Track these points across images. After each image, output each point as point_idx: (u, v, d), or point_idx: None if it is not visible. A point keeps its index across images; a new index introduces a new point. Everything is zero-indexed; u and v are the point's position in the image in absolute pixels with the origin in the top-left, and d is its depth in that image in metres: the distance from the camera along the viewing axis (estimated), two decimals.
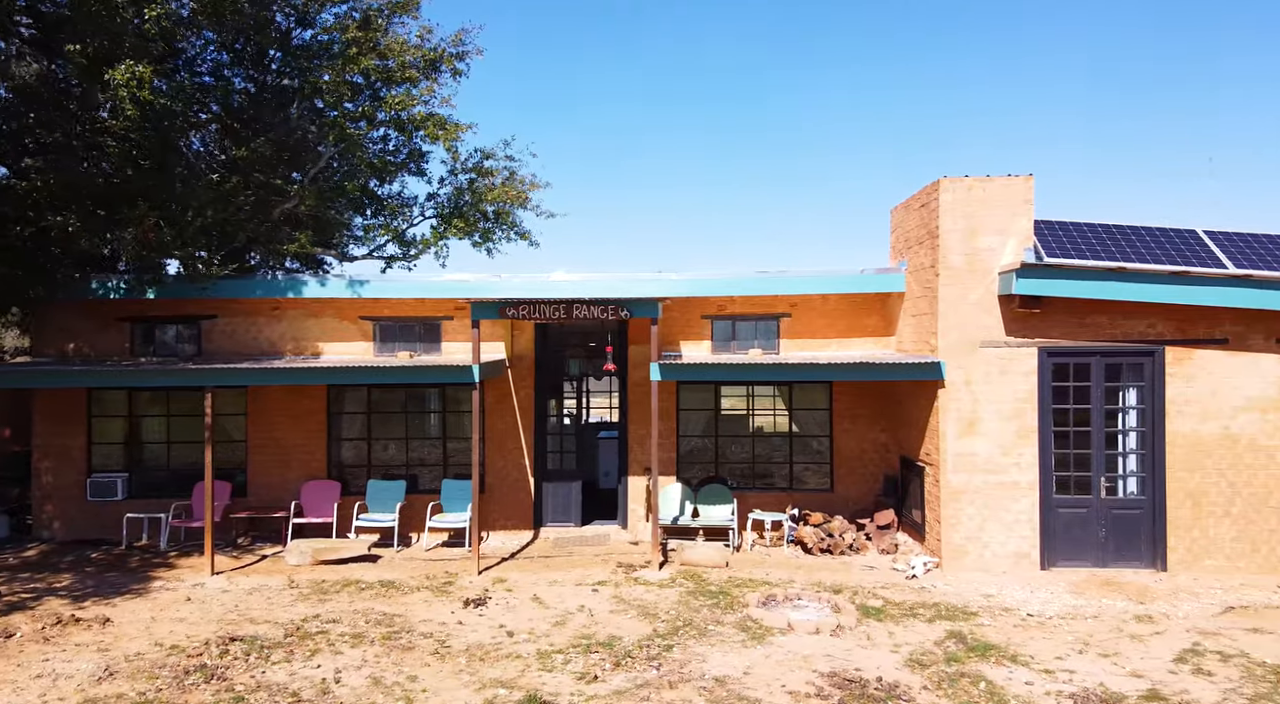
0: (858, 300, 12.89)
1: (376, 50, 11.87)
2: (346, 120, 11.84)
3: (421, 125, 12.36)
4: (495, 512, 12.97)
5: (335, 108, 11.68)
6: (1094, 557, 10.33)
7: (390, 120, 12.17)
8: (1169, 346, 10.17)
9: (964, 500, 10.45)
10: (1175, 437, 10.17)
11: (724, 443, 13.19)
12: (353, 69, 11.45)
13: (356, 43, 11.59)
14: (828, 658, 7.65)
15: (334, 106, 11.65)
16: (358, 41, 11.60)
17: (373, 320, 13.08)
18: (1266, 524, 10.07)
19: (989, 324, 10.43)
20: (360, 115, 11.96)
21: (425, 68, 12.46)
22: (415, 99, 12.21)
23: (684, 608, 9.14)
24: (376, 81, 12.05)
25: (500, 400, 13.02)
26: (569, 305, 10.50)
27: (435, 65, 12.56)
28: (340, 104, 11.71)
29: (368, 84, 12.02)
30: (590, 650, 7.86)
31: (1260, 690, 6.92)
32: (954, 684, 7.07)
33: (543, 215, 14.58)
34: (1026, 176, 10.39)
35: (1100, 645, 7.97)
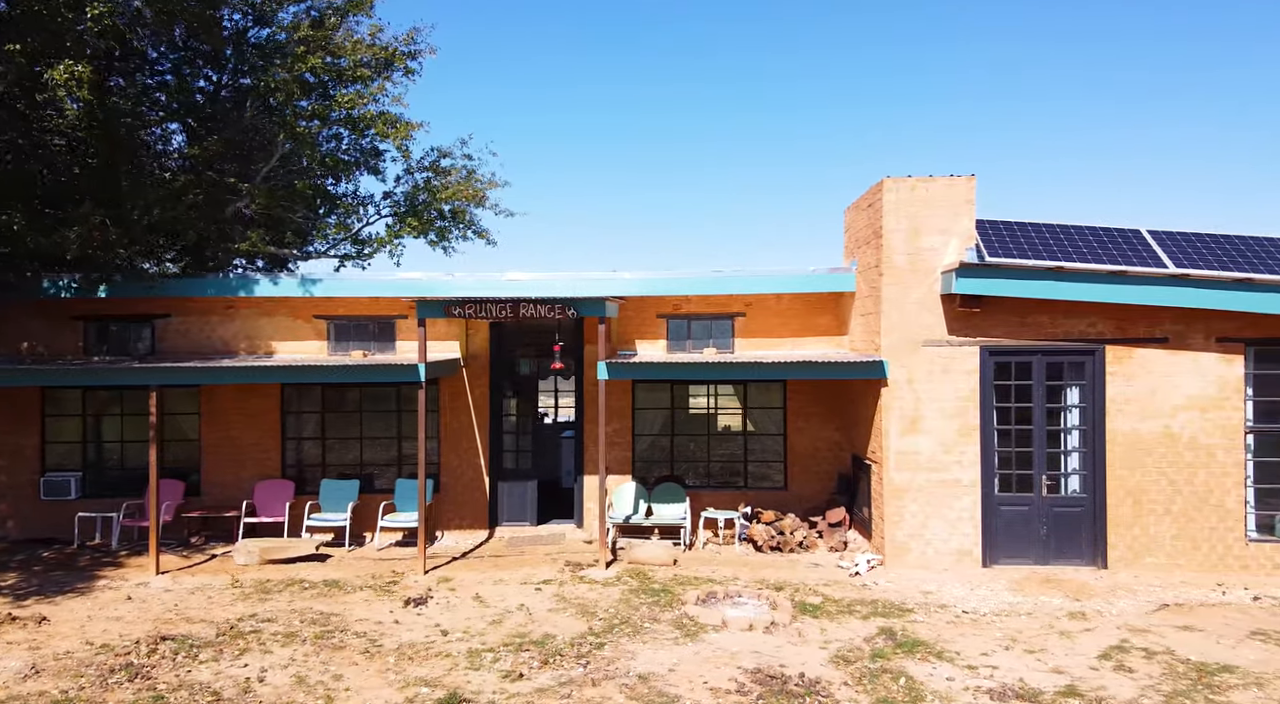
0: (811, 300, 12.94)
1: (327, 49, 11.85)
2: (298, 119, 11.81)
3: (371, 124, 12.34)
4: (450, 511, 12.97)
5: (287, 106, 11.66)
6: (1036, 554, 10.40)
7: (341, 119, 12.14)
8: (1109, 345, 10.25)
9: (907, 498, 10.51)
10: (1116, 435, 10.24)
11: (681, 442, 13.22)
12: (301, 68, 11.43)
13: (306, 41, 11.57)
14: (755, 654, 7.69)
15: (285, 105, 11.63)
16: (307, 40, 11.59)
17: (327, 319, 13.06)
18: (1207, 522, 10.15)
19: (931, 323, 10.49)
20: (312, 114, 11.93)
21: (377, 66, 12.45)
22: (366, 97, 12.20)
23: (624, 606, 9.16)
24: (328, 80, 12.03)
25: (455, 399, 13.02)
26: (515, 304, 10.50)
27: (387, 64, 12.54)
28: (291, 102, 11.68)
29: (319, 83, 12.00)
30: (521, 649, 7.88)
31: (1179, 688, 6.98)
32: (874, 680, 7.11)
33: (502, 214, 14.59)
34: (969, 177, 10.46)
35: (1028, 642, 8.03)
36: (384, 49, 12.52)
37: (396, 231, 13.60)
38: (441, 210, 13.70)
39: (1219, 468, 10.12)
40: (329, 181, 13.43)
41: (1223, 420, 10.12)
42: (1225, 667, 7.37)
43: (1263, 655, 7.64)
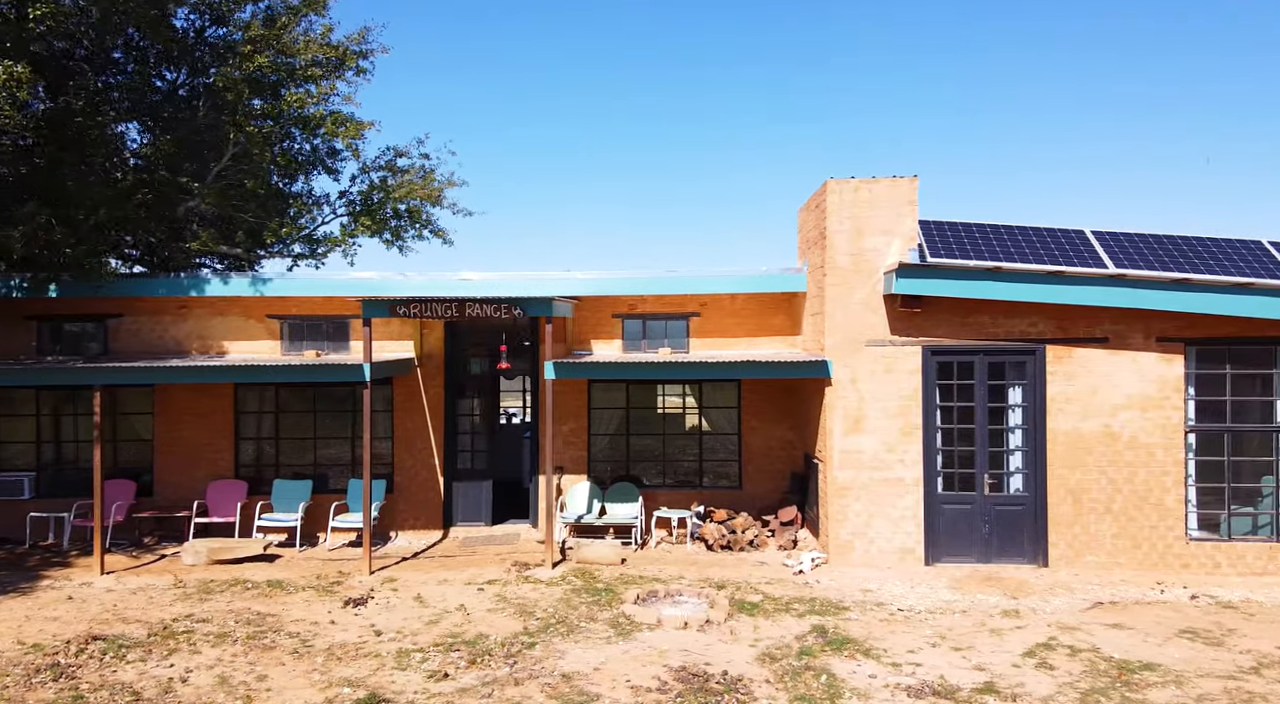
0: (765, 300, 12.98)
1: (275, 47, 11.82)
2: (248, 119, 11.78)
3: (320, 123, 12.32)
4: (404, 511, 12.96)
5: (238, 105, 11.62)
6: (978, 552, 10.47)
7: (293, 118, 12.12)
8: (1050, 345, 10.32)
9: (850, 497, 10.56)
10: (1056, 434, 10.32)
11: (637, 441, 13.24)
12: (248, 67, 11.40)
13: (255, 40, 11.55)
14: (684, 653, 7.72)
15: (236, 104, 11.59)
16: (255, 39, 11.56)
17: (280, 319, 13.04)
18: (1147, 521, 10.23)
19: (874, 323, 10.55)
20: (262, 113, 11.90)
21: (329, 66, 12.42)
22: (315, 97, 12.18)
23: (563, 605, 9.18)
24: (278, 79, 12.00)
25: (409, 399, 13.01)
26: (461, 304, 10.51)
27: (339, 63, 12.52)
28: (241, 101, 11.65)
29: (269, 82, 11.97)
30: (452, 649, 7.88)
31: (1097, 685, 7.04)
32: (796, 678, 7.15)
33: (460, 213, 14.58)
34: (911, 178, 10.51)
35: (957, 640, 8.08)
36: (335, 48, 12.51)
37: (351, 231, 13.58)
38: (397, 209, 13.68)
39: (1159, 467, 10.20)
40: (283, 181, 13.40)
41: (1162, 420, 10.20)
42: (1148, 665, 7.43)
43: (1188, 654, 7.71)
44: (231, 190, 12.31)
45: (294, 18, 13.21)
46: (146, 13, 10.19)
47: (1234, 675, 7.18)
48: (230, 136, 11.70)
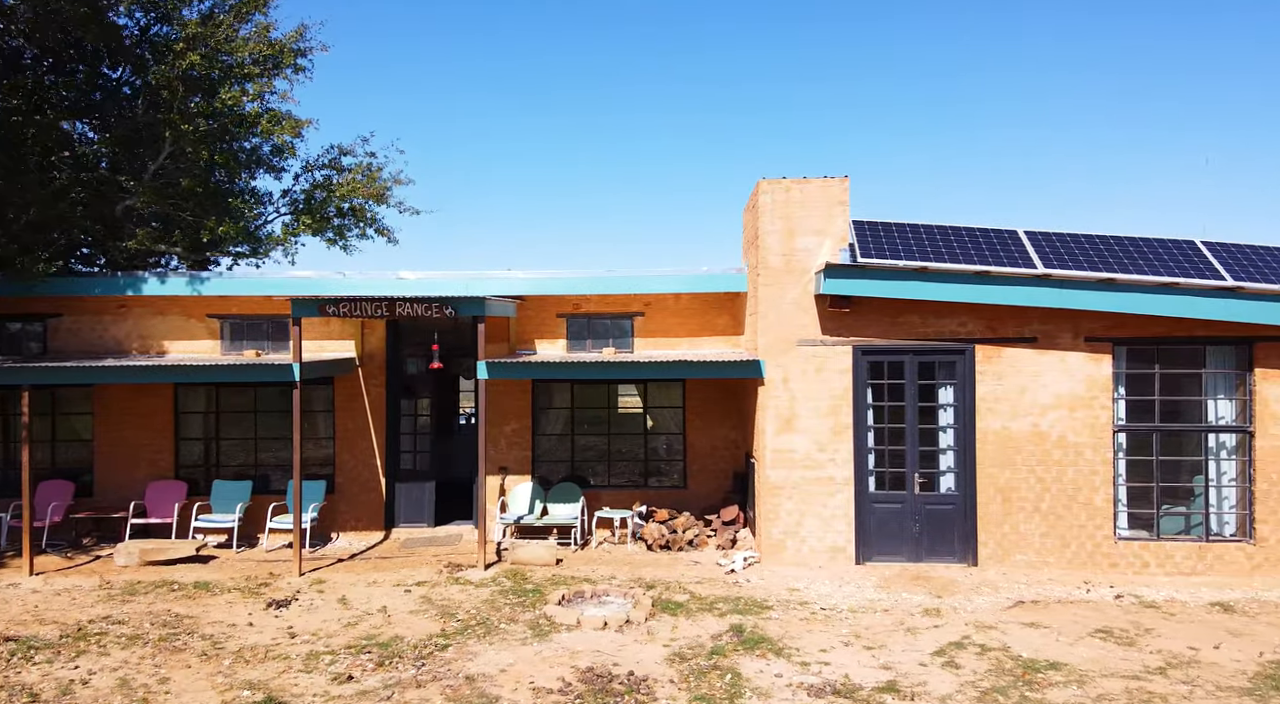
0: (709, 300, 12.97)
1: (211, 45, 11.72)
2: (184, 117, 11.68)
3: (254, 122, 12.24)
4: (345, 512, 12.89)
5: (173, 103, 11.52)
6: (909, 552, 10.49)
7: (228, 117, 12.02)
8: (980, 345, 10.35)
9: (782, 496, 10.56)
10: (986, 433, 10.35)
11: (583, 441, 13.21)
12: (180, 65, 11.30)
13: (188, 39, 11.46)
14: (596, 653, 7.70)
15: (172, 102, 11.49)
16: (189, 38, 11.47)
17: (220, 318, 12.95)
18: (1075, 520, 10.28)
19: (806, 323, 10.55)
20: (198, 112, 11.80)
21: (266, 64, 12.34)
22: (251, 95, 12.09)
23: (487, 607, 9.15)
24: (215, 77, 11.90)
25: (351, 399, 12.94)
26: (391, 303, 10.45)
27: (275, 61, 12.44)
28: (176, 99, 11.55)
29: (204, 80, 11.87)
30: (363, 651, 7.84)
31: (999, 683, 7.05)
32: (701, 678, 7.14)
33: (406, 212, 14.51)
34: (842, 178, 10.53)
35: (872, 639, 8.09)
36: (272, 46, 12.42)
37: (293, 230, 13.50)
38: (340, 208, 13.61)
39: (1087, 466, 10.24)
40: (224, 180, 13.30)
41: (1091, 419, 10.24)
42: (1054, 664, 7.45)
43: (1097, 653, 7.74)
44: (169, 189, 12.20)
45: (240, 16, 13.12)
46: (77, 10, 10.08)
47: (1138, 676, 7.21)
48: (166, 135, 11.59)
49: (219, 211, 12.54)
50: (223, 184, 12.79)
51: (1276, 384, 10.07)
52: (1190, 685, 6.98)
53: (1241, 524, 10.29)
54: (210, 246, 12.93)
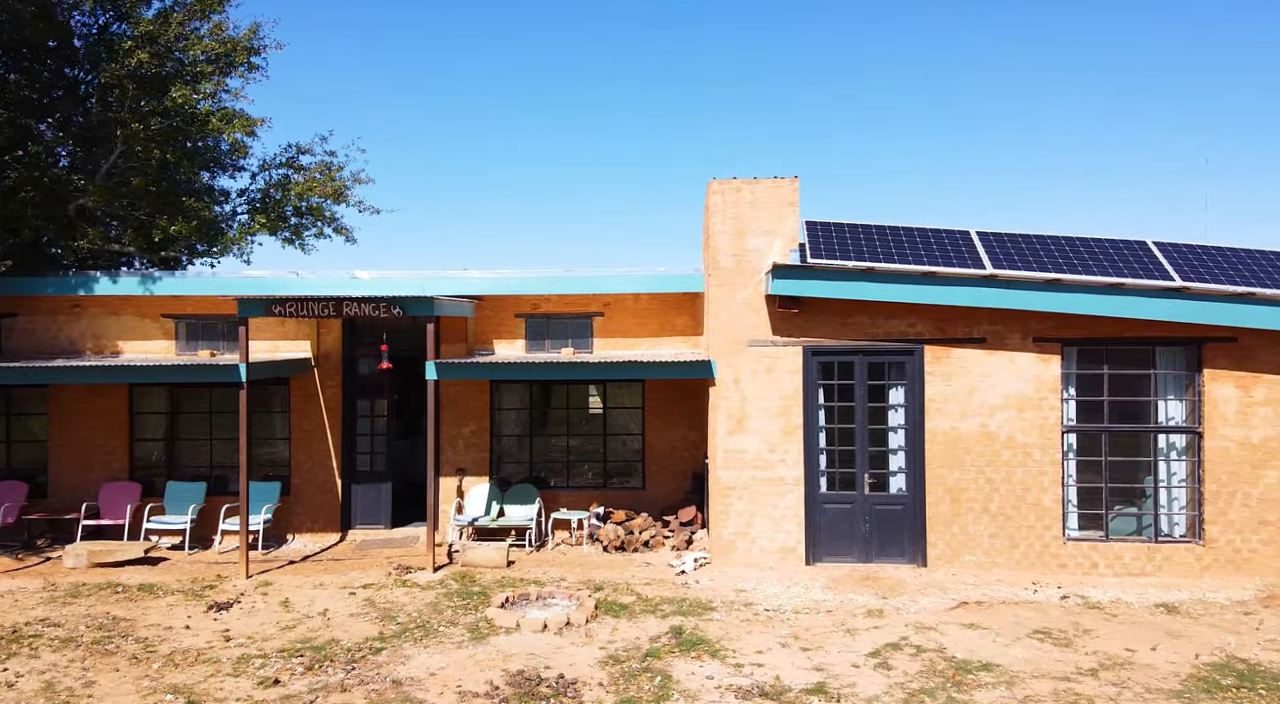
0: (668, 300, 12.93)
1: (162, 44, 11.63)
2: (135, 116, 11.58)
3: (205, 120, 12.14)
4: (301, 514, 12.81)
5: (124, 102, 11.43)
6: (859, 552, 10.47)
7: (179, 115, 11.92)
8: (929, 345, 10.34)
9: (733, 496, 10.54)
10: (935, 434, 10.34)
11: (542, 442, 13.16)
12: (128, 63, 11.21)
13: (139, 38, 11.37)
14: (530, 656, 7.65)
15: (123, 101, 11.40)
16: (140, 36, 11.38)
17: (175, 318, 12.86)
18: (1024, 521, 10.27)
19: (756, 324, 10.53)
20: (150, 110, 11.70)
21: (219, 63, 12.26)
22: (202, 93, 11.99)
23: (429, 610, 9.09)
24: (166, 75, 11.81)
25: (307, 400, 12.86)
26: (339, 303, 10.39)
27: (229, 60, 12.36)
28: (127, 98, 11.46)
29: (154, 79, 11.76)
30: (295, 655, 7.78)
31: (928, 685, 7.03)
32: (631, 680, 7.10)
33: (366, 211, 14.45)
34: (792, 179, 10.50)
35: (810, 640, 8.07)
36: (225, 44, 12.34)
37: (249, 229, 13.41)
38: (298, 207, 13.53)
39: (1036, 467, 10.24)
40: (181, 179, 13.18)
41: (1039, 419, 10.24)
42: (986, 665, 7.44)
43: (1032, 654, 7.73)
44: (122, 188, 12.11)
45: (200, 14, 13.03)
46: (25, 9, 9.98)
47: (1069, 677, 7.20)
48: (118, 134, 11.49)
49: (172, 211, 12.44)
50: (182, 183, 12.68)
51: (1225, 385, 10.09)
52: (1119, 687, 6.98)
53: (1191, 525, 10.30)
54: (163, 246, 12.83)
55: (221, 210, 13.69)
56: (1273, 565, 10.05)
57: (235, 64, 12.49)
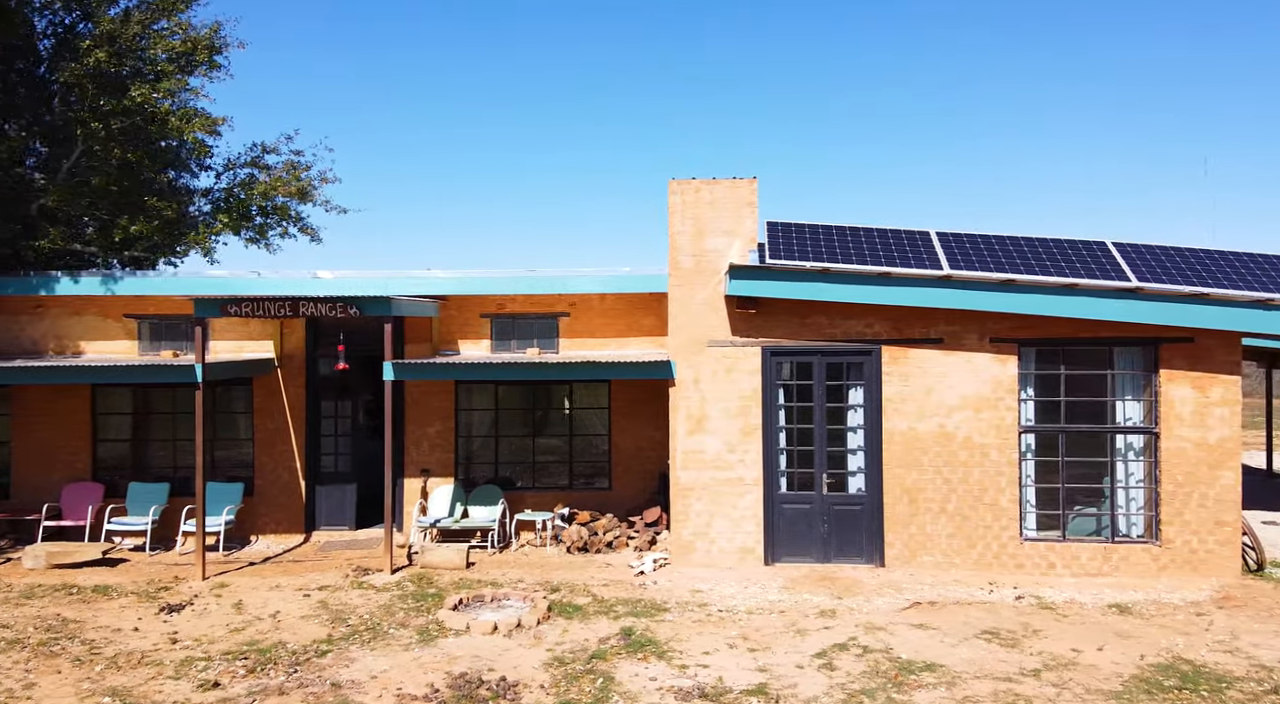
0: (634, 300, 12.89)
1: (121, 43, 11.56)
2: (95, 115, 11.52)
3: (165, 119, 12.07)
4: (265, 515, 12.75)
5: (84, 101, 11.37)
6: (817, 552, 10.47)
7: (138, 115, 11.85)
8: (886, 346, 10.35)
9: (692, 497, 10.53)
10: (893, 434, 10.34)
11: (508, 443, 13.13)
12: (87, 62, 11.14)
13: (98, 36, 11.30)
14: (475, 658, 7.63)
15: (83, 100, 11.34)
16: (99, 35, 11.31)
17: (138, 318, 12.80)
18: (981, 521, 10.29)
19: (716, 324, 10.52)
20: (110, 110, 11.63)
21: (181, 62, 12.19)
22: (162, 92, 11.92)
23: (382, 612, 9.06)
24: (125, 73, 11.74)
25: (270, 400, 12.81)
26: (295, 303, 10.34)
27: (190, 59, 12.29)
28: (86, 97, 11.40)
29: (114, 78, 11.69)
30: (240, 658, 7.74)
31: (869, 685, 7.03)
32: (573, 682, 7.08)
33: (333, 210, 14.40)
34: (750, 179, 10.50)
35: (759, 640, 8.06)
36: (185, 43, 12.27)
37: (213, 229, 13.35)
38: (263, 206, 13.47)
39: (993, 467, 10.25)
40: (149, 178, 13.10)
41: (996, 420, 10.25)
42: (930, 665, 7.44)
43: (978, 655, 7.73)
44: (83, 187, 12.04)
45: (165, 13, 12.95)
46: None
47: (1011, 678, 7.21)
48: (78, 133, 11.43)
49: (133, 210, 12.37)
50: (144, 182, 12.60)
51: (1182, 385, 10.11)
52: (1059, 688, 6.99)
53: (1149, 526, 10.32)
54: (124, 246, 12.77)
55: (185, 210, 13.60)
56: (1229, 566, 10.08)
57: (197, 63, 12.42)
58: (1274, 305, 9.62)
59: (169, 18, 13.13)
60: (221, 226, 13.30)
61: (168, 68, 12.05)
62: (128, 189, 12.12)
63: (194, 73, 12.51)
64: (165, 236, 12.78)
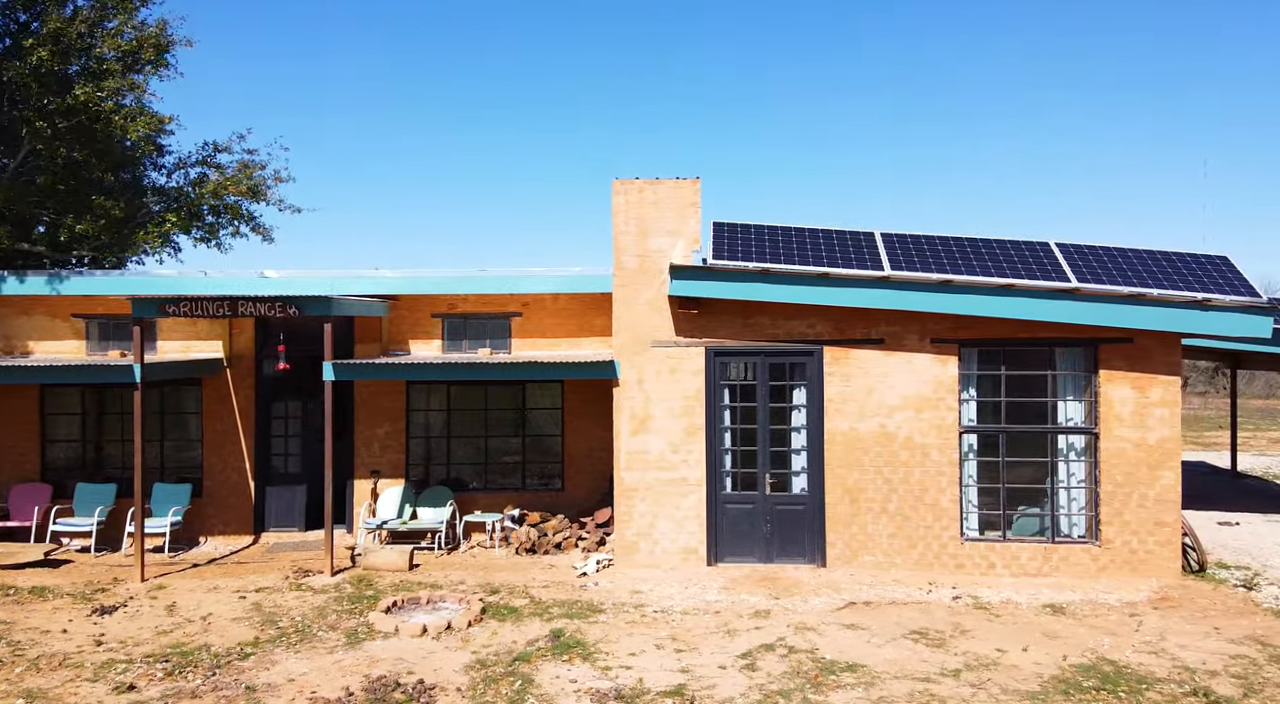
0: (587, 300, 12.86)
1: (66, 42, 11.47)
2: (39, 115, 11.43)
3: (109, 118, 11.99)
4: (214, 516, 12.68)
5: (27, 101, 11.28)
6: (760, 552, 10.47)
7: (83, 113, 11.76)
8: (828, 346, 10.35)
9: (636, 497, 10.51)
10: (834, 434, 10.34)
11: (460, 443, 13.08)
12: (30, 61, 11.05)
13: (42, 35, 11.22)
14: (398, 661, 7.59)
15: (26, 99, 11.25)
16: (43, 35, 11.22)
17: (86, 318, 12.72)
18: (922, 521, 10.30)
19: (660, 324, 10.50)
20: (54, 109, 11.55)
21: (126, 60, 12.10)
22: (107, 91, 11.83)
23: (315, 614, 9.01)
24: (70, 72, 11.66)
25: (220, 401, 12.74)
26: (234, 302, 10.28)
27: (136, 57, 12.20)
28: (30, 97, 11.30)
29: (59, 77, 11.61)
30: (161, 660, 7.68)
31: (787, 686, 7.02)
32: (491, 685, 7.05)
33: (286, 210, 14.32)
34: (694, 179, 10.49)
35: (688, 641, 8.04)
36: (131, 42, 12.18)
37: (162, 228, 13.26)
38: (214, 206, 13.39)
39: (934, 467, 10.27)
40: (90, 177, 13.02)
41: (937, 420, 10.27)
42: (852, 666, 7.44)
43: (902, 655, 7.73)
44: (31, 187, 11.95)
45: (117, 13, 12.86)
46: None
47: (930, 678, 7.21)
48: (24, 132, 11.34)
49: (80, 210, 12.28)
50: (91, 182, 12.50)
51: (1121, 386, 10.14)
52: (976, 688, 6.99)
53: (1090, 526, 10.35)
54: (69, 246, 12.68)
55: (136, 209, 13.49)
56: (1169, 567, 10.11)
57: (143, 61, 12.33)
58: (1211, 306, 9.67)
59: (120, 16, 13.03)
60: (171, 226, 13.23)
61: (114, 66, 11.95)
62: (74, 188, 12.03)
63: (140, 71, 12.41)
64: (114, 236, 12.69)
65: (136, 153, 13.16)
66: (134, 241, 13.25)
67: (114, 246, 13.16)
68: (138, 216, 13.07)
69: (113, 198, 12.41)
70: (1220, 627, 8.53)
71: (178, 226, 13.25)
